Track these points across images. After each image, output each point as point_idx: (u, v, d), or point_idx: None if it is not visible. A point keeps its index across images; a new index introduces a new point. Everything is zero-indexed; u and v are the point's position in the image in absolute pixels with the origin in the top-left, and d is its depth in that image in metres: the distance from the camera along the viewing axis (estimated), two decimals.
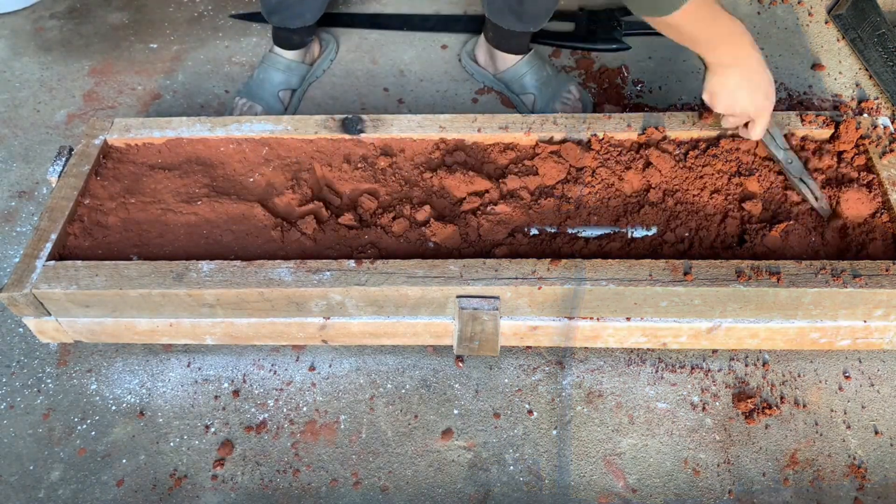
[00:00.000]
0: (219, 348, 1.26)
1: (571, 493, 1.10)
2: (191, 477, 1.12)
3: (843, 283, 1.05)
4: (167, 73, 1.75)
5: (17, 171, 1.55)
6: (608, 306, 1.10)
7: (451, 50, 1.76)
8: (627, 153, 1.25)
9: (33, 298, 1.11)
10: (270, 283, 1.08)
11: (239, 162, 1.28)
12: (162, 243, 1.17)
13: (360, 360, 1.24)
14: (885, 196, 1.16)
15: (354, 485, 1.11)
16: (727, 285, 1.06)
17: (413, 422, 1.17)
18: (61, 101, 1.69)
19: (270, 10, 1.51)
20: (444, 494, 1.10)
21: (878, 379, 1.19)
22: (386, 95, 1.67)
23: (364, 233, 1.17)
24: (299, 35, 1.57)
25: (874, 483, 1.09)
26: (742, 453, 1.12)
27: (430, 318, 1.14)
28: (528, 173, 1.23)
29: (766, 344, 1.17)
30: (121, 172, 1.27)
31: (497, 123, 1.29)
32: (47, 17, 1.90)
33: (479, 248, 1.15)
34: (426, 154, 1.28)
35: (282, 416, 1.18)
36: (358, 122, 1.29)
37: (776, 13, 1.81)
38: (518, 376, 1.21)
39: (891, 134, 1.25)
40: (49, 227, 1.16)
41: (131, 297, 1.10)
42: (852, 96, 1.60)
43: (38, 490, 1.12)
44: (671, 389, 1.19)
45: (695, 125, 1.27)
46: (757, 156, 1.24)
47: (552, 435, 1.15)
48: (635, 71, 1.69)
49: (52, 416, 1.19)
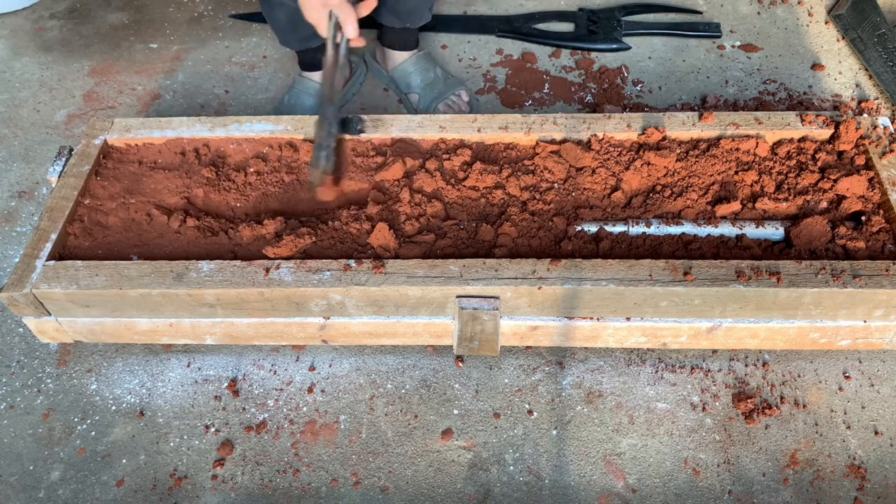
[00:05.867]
0: (219, 348, 1.26)
1: (571, 493, 1.10)
2: (191, 477, 1.12)
3: (843, 283, 1.05)
4: (167, 73, 1.75)
5: (17, 171, 1.55)
6: (608, 306, 1.10)
7: (450, 50, 1.76)
8: (627, 153, 1.25)
9: (33, 298, 1.11)
10: (270, 283, 1.08)
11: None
12: (162, 243, 1.17)
13: (360, 360, 1.24)
14: (885, 196, 1.16)
15: (354, 485, 1.11)
16: (727, 285, 1.06)
17: (413, 422, 1.17)
18: (61, 101, 1.69)
19: (286, 35, 1.49)
20: (444, 494, 1.10)
21: (878, 379, 1.19)
22: (386, 95, 1.68)
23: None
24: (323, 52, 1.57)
25: (874, 483, 1.09)
26: (742, 453, 1.12)
27: (430, 318, 1.14)
28: (527, 173, 1.23)
29: (766, 344, 1.17)
30: (121, 172, 1.27)
31: (497, 123, 1.29)
32: (47, 17, 1.90)
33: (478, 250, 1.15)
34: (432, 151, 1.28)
35: (282, 416, 1.18)
36: (358, 122, 1.29)
37: (776, 13, 1.81)
38: (518, 376, 1.21)
39: (891, 134, 1.25)
40: (49, 227, 1.16)
41: (131, 296, 1.10)
42: (852, 96, 1.60)
43: (38, 490, 1.12)
44: (671, 389, 1.19)
45: (695, 125, 1.27)
46: (757, 156, 1.24)
47: (552, 435, 1.15)
48: (635, 71, 1.69)
49: (52, 416, 1.19)
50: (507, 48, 1.76)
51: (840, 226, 1.14)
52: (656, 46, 1.74)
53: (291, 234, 1.13)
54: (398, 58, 1.61)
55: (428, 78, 1.60)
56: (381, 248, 1.13)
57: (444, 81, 1.60)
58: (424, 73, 1.60)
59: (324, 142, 1.14)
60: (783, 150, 1.25)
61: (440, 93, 1.58)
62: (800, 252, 1.12)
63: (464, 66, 1.73)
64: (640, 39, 1.76)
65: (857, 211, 1.17)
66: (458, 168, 1.24)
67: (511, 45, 1.77)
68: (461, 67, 1.72)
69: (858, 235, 1.12)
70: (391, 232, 1.13)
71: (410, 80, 1.60)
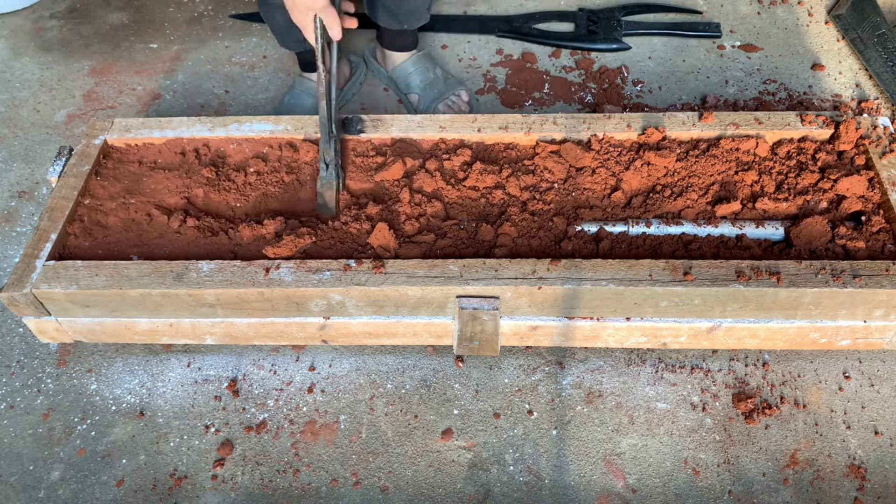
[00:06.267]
0: (219, 348, 1.26)
1: (571, 493, 1.10)
2: (191, 477, 1.12)
3: (843, 283, 1.05)
4: (167, 73, 1.75)
5: (17, 171, 1.55)
6: (608, 306, 1.10)
7: (451, 50, 1.76)
8: (627, 153, 1.25)
9: (33, 298, 1.11)
10: (270, 283, 1.08)
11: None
12: (162, 243, 1.17)
13: (360, 360, 1.24)
14: (885, 196, 1.16)
15: (354, 485, 1.11)
16: (727, 285, 1.06)
17: (413, 422, 1.17)
18: (61, 101, 1.69)
19: (284, 36, 1.49)
20: (444, 494, 1.10)
21: (878, 379, 1.19)
22: (386, 95, 1.68)
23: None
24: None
25: (874, 483, 1.09)
26: (742, 453, 1.12)
27: (430, 318, 1.14)
28: (527, 173, 1.23)
29: (766, 344, 1.17)
30: (121, 172, 1.27)
31: (497, 123, 1.29)
32: (47, 17, 1.90)
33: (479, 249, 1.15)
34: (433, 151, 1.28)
35: (282, 416, 1.18)
36: (358, 122, 1.29)
37: (776, 13, 1.81)
38: (518, 376, 1.21)
39: (891, 134, 1.25)
40: (49, 227, 1.16)
41: (131, 296, 1.10)
42: (852, 96, 1.60)
43: (38, 490, 1.12)
44: (671, 389, 1.19)
45: (695, 125, 1.27)
46: (757, 156, 1.24)
47: (552, 435, 1.15)
48: (635, 71, 1.69)
49: (52, 416, 1.19)
50: (507, 48, 1.76)
51: (840, 226, 1.14)
52: (656, 46, 1.74)
53: (291, 234, 1.13)
54: (398, 58, 1.61)
55: (428, 78, 1.60)
56: (381, 248, 1.13)
57: (443, 81, 1.60)
58: (424, 73, 1.60)
59: (331, 161, 1.16)
60: (783, 150, 1.25)
61: (440, 93, 1.58)
62: (800, 252, 1.12)
63: (464, 66, 1.73)
64: (640, 39, 1.76)
65: (857, 211, 1.17)
66: (458, 168, 1.24)
67: (511, 45, 1.77)
68: (461, 67, 1.72)
69: (858, 235, 1.12)
70: (391, 232, 1.13)
71: (410, 80, 1.61)
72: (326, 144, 1.16)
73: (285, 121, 1.31)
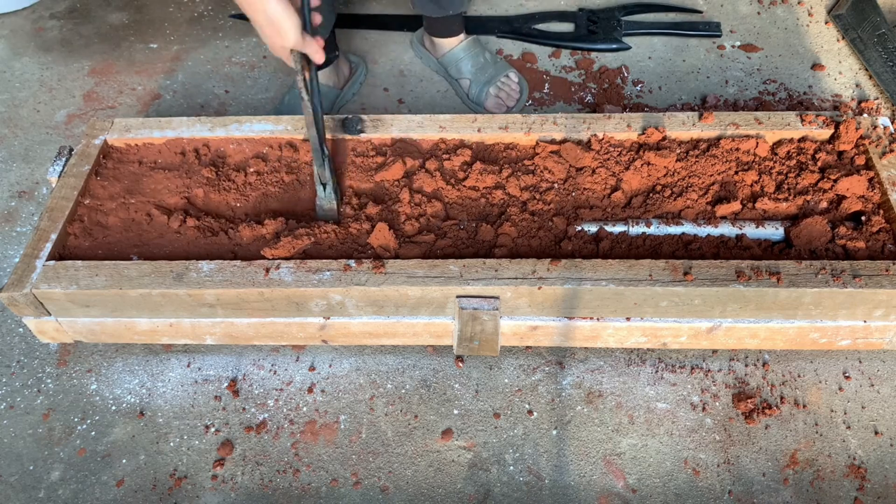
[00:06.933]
0: (219, 348, 1.26)
1: (571, 493, 1.10)
2: (191, 477, 1.12)
3: (843, 284, 1.05)
4: (167, 73, 1.75)
5: (17, 171, 1.55)
6: (608, 306, 1.10)
7: None
8: (627, 153, 1.25)
9: (33, 298, 1.11)
10: (270, 283, 1.08)
11: None
12: (162, 243, 1.17)
13: (360, 360, 1.24)
14: (885, 196, 1.16)
15: (354, 485, 1.11)
16: (727, 285, 1.06)
17: (413, 422, 1.17)
18: (61, 101, 1.69)
19: None
20: (444, 494, 1.10)
21: (878, 379, 1.19)
22: (386, 95, 1.68)
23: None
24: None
25: (874, 483, 1.09)
26: (742, 453, 1.12)
27: (430, 318, 1.14)
28: (527, 173, 1.23)
29: (766, 344, 1.17)
30: (121, 172, 1.27)
31: (497, 123, 1.29)
32: (47, 17, 1.90)
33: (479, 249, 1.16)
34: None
35: (282, 416, 1.18)
36: (358, 122, 1.29)
37: (776, 13, 1.81)
38: (518, 376, 1.21)
39: (891, 134, 1.25)
40: (49, 227, 1.16)
41: (131, 296, 1.10)
42: (852, 96, 1.60)
43: (38, 490, 1.12)
44: (671, 389, 1.19)
45: (695, 125, 1.27)
46: (757, 156, 1.24)
47: (552, 435, 1.15)
48: (635, 71, 1.69)
49: (52, 416, 1.19)
50: (507, 48, 1.76)
51: (840, 226, 1.14)
52: (656, 46, 1.74)
53: (291, 235, 1.13)
54: (447, 45, 1.63)
55: (478, 63, 1.62)
56: (381, 248, 1.13)
57: (493, 65, 1.63)
58: (475, 58, 1.62)
59: (328, 181, 1.16)
60: (783, 150, 1.25)
61: (491, 76, 1.60)
62: (800, 252, 1.12)
63: (415, 51, 1.74)
64: (640, 39, 1.76)
65: (857, 211, 1.17)
66: (458, 168, 1.24)
67: (511, 45, 1.77)
68: None
69: (858, 235, 1.12)
70: (391, 232, 1.13)
71: (461, 65, 1.62)
72: (321, 168, 1.15)
73: (285, 121, 1.31)
